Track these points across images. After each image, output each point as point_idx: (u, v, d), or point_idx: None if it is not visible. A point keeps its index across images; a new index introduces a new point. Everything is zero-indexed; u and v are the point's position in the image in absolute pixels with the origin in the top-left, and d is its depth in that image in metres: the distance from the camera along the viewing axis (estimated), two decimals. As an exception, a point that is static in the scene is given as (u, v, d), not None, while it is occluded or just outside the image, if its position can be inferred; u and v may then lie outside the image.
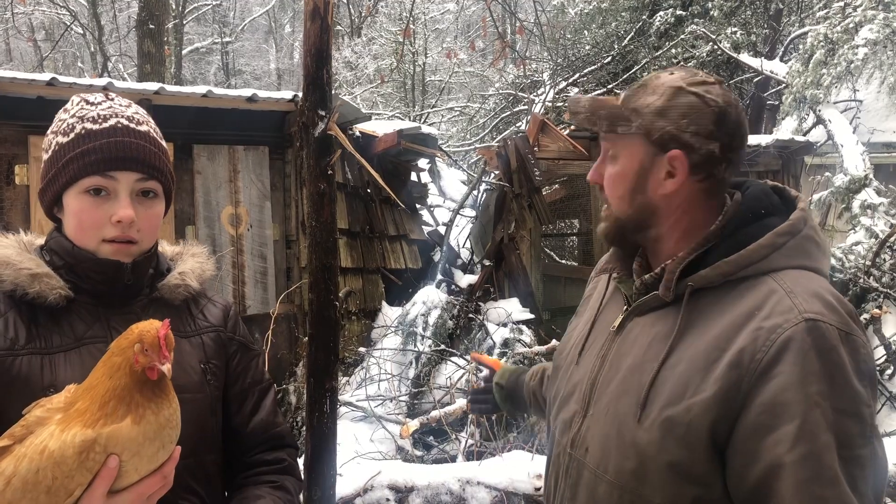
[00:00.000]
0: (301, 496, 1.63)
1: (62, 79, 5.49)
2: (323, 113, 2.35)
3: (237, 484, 1.52)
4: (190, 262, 1.58)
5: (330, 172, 2.40)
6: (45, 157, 1.43)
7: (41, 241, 1.50)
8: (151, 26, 11.70)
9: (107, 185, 1.38)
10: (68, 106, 1.45)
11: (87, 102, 1.43)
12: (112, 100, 1.45)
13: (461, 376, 5.84)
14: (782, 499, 1.08)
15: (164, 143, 1.50)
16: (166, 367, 1.16)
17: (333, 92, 2.49)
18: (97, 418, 1.11)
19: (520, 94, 13.86)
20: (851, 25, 8.22)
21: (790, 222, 1.26)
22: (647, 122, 1.31)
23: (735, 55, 11.04)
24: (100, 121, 1.40)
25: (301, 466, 1.87)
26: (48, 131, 1.45)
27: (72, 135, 1.39)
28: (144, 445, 1.13)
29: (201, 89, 6.10)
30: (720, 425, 1.15)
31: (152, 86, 5.90)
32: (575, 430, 1.39)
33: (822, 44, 8.37)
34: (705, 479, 1.17)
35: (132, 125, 1.42)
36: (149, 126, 1.47)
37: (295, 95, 6.39)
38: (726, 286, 1.24)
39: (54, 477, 1.07)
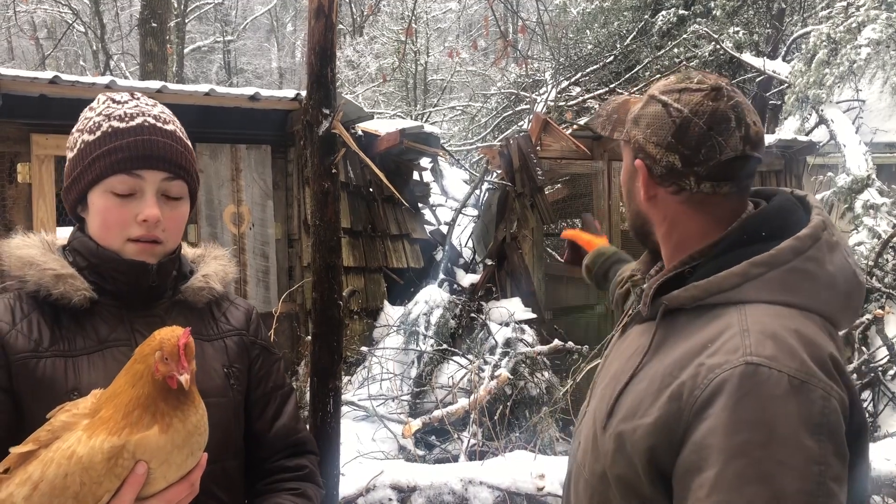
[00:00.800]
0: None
1: (65, 77, 5.49)
2: (327, 111, 2.34)
3: (258, 491, 1.51)
4: (213, 265, 1.57)
5: (334, 171, 2.39)
6: (71, 154, 1.41)
7: (63, 240, 1.48)
8: (154, 25, 11.70)
9: (133, 185, 1.37)
10: (94, 104, 1.43)
11: (114, 101, 1.41)
12: (138, 99, 1.44)
13: (463, 376, 5.84)
14: None
15: (189, 143, 1.48)
16: (184, 378, 1.14)
17: (336, 90, 2.48)
18: (122, 426, 1.10)
19: (521, 93, 13.85)
20: (854, 25, 8.21)
21: (773, 253, 1.16)
22: (627, 129, 1.32)
23: (737, 55, 11.03)
24: (127, 119, 1.38)
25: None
26: (74, 129, 1.43)
27: (98, 133, 1.37)
28: (173, 453, 1.12)
29: (204, 88, 6.10)
30: (660, 453, 1.13)
31: (155, 84, 5.89)
32: (578, 423, 1.46)
33: (824, 43, 8.36)
34: (651, 500, 1.16)
35: (159, 124, 1.41)
36: (175, 126, 1.45)
37: (297, 94, 6.38)
38: (698, 310, 1.19)
39: (82, 482, 1.06)
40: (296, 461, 1.55)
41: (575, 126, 7.99)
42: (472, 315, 6.63)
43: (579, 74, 12.80)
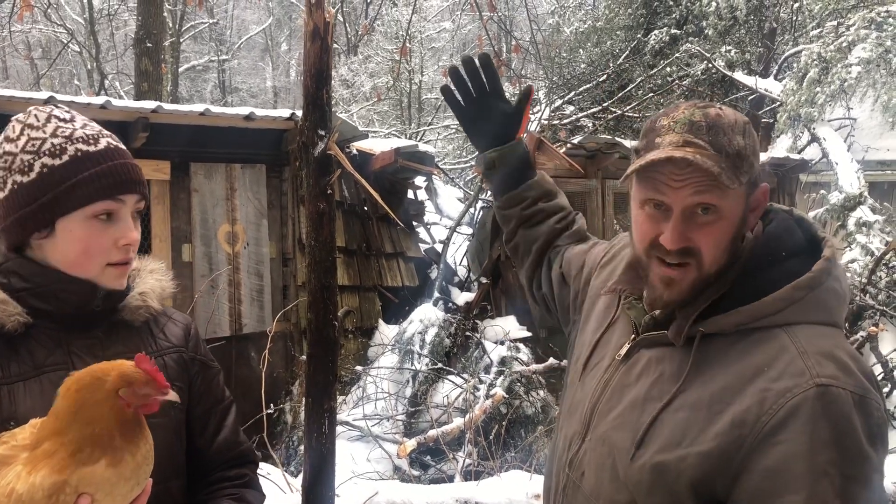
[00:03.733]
0: None
1: (60, 97, 5.50)
2: (322, 133, 2.35)
3: (198, 501, 1.50)
4: (150, 281, 1.53)
5: (329, 192, 2.40)
6: (25, 179, 1.32)
7: None
8: (149, 44, 11.73)
9: (116, 209, 1.36)
10: (34, 122, 1.35)
11: (61, 120, 1.36)
12: (76, 115, 1.40)
13: (458, 395, 5.82)
14: None
15: None
16: (172, 395, 1.15)
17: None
18: (68, 463, 1.07)
19: (515, 112, 13.88)
20: (845, 44, 8.29)
21: (812, 275, 1.19)
22: (749, 163, 1.22)
23: (729, 73, 11.13)
24: (91, 142, 1.35)
25: (299, 484, 1.84)
26: (19, 151, 1.33)
27: (65, 157, 1.32)
28: (119, 485, 1.11)
29: (199, 107, 6.11)
30: (713, 482, 1.12)
31: (150, 104, 5.90)
32: (574, 451, 1.38)
33: (815, 62, 8.44)
34: None
35: (120, 146, 1.41)
36: (118, 142, 1.43)
37: (293, 114, 6.40)
38: (737, 335, 1.19)
39: None
40: (236, 471, 1.55)
41: (569, 145, 8.02)
42: (468, 333, 6.62)
43: (573, 93, 12.88)
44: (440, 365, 6.20)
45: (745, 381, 1.14)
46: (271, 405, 5.50)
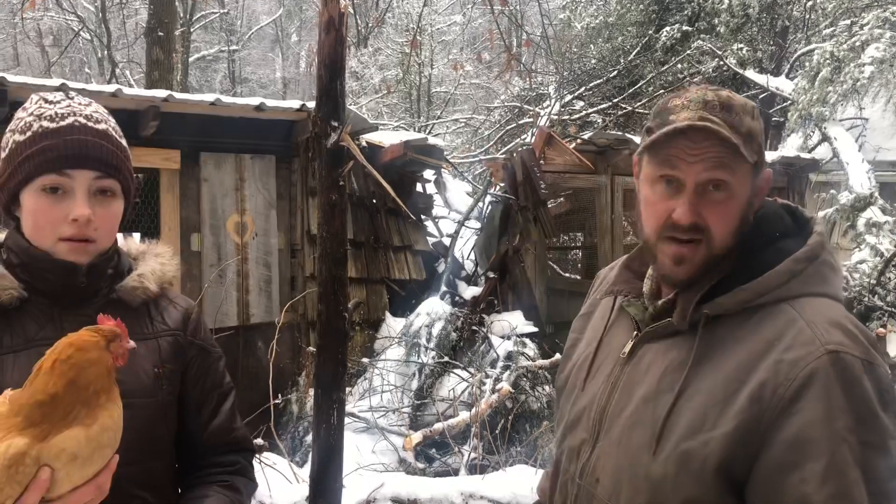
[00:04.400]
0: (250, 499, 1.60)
1: (71, 84, 5.51)
2: (336, 124, 2.35)
3: (188, 484, 1.51)
4: (151, 263, 1.55)
5: (342, 183, 2.40)
6: (3, 154, 1.42)
7: (0, 237, 1.48)
8: (161, 33, 11.74)
9: (63, 184, 1.37)
10: (27, 104, 1.43)
11: (46, 101, 1.41)
12: (72, 99, 1.43)
13: (464, 389, 5.83)
14: None
15: (124, 141, 1.48)
16: (131, 343, 1.21)
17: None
18: (39, 427, 1.09)
19: (525, 106, 13.89)
20: (858, 44, 8.25)
21: (809, 248, 1.23)
22: (758, 143, 1.25)
23: (741, 71, 11.09)
24: (57, 119, 1.38)
25: (305, 475, 1.84)
26: (7, 129, 1.43)
27: (29, 133, 1.37)
28: (79, 459, 1.11)
29: (210, 97, 6.11)
30: (738, 460, 1.12)
31: (161, 93, 5.91)
32: (584, 459, 1.34)
33: (828, 61, 8.40)
34: None
35: (90, 123, 1.41)
36: (108, 125, 1.45)
37: (303, 105, 6.39)
38: (742, 314, 1.20)
39: None
40: (229, 457, 1.55)
41: (579, 140, 8.01)
42: (474, 328, 6.63)
43: (583, 89, 12.85)
44: (446, 358, 6.20)
45: (756, 357, 1.15)
46: (279, 395, 5.51)
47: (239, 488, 1.53)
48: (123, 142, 1.48)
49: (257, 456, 3.64)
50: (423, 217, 8.01)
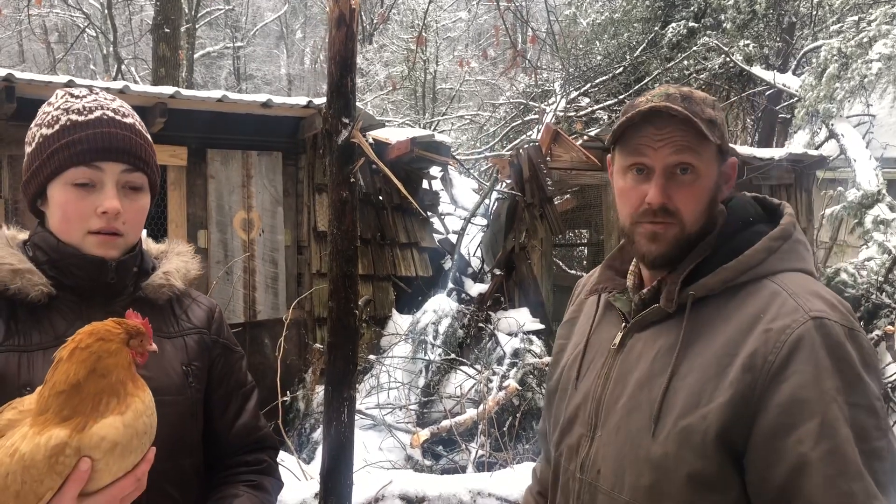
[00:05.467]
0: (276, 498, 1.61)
1: (79, 81, 5.51)
2: (346, 120, 2.35)
3: (215, 483, 1.51)
4: (175, 261, 1.56)
5: (352, 180, 2.39)
6: (29, 149, 1.41)
7: (25, 235, 1.47)
8: (167, 30, 11.73)
9: (93, 177, 1.37)
10: (52, 99, 1.43)
11: (72, 95, 1.42)
12: (97, 94, 1.44)
13: (472, 386, 5.83)
14: (811, 496, 1.09)
15: (149, 136, 1.49)
16: (154, 346, 1.20)
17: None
18: (75, 419, 1.09)
19: (531, 103, 13.87)
20: (865, 40, 8.21)
21: (782, 227, 1.30)
22: (720, 131, 1.33)
23: (747, 68, 11.04)
24: (85, 112, 1.38)
25: (313, 471, 1.84)
26: (32, 124, 1.43)
27: (57, 126, 1.37)
28: (118, 447, 1.10)
29: (216, 94, 6.11)
30: (736, 429, 1.15)
31: (168, 89, 5.91)
32: (583, 453, 1.36)
33: (835, 58, 8.36)
34: (723, 485, 1.17)
35: (118, 117, 1.41)
36: (134, 119, 1.45)
37: (309, 101, 6.39)
38: (726, 293, 1.26)
39: (23, 481, 1.05)
40: (255, 456, 1.56)
41: (585, 137, 7.99)
42: (481, 325, 6.62)
43: (589, 85, 12.82)
44: (453, 356, 6.20)
45: (745, 331, 1.20)
46: (287, 392, 5.51)
47: (267, 488, 1.54)
48: (149, 136, 1.49)
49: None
50: (429, 214, 8.01)
